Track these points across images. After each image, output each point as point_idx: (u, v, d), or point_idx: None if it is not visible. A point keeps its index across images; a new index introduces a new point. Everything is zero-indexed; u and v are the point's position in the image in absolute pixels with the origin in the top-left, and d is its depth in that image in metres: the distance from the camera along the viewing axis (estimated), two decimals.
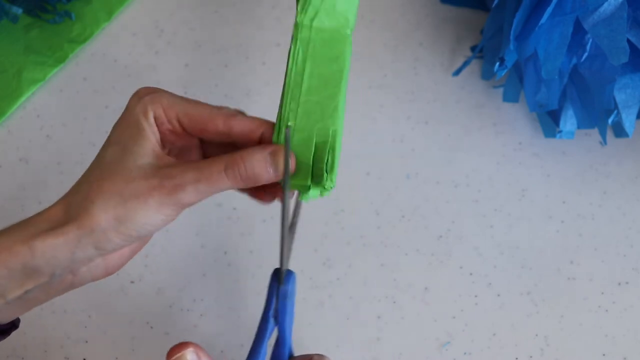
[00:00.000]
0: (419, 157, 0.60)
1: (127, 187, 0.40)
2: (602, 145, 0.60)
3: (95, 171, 0.41)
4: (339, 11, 0.44)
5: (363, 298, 0.55)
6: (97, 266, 0.42)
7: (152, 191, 0.40)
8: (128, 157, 0.41)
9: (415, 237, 0.57)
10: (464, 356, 0.54)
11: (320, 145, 0.43)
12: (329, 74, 0.44)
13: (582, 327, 0.54)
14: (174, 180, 0.40)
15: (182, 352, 0.41)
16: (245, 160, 0.41)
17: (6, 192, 0.58)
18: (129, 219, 0.39)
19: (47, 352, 0.53)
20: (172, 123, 0.42)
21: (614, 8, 0.49)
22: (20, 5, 0.61)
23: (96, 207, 0.39)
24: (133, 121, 0.42)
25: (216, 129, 0.42)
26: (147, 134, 0.41)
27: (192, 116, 0.42)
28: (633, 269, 0.56)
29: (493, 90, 0.62)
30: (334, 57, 0.44)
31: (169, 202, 0.40)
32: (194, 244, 0.56)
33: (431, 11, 0.65)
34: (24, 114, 0.61)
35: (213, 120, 0.42)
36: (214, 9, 0.65)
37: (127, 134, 0.42)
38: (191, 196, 0.40)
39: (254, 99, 0.61)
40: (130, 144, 0.41)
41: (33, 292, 0.40)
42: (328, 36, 0.44)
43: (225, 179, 0.40)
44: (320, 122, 0.43)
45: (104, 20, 0.63)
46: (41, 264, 0.39)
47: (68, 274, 0.41)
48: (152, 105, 0.42)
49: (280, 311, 0.43)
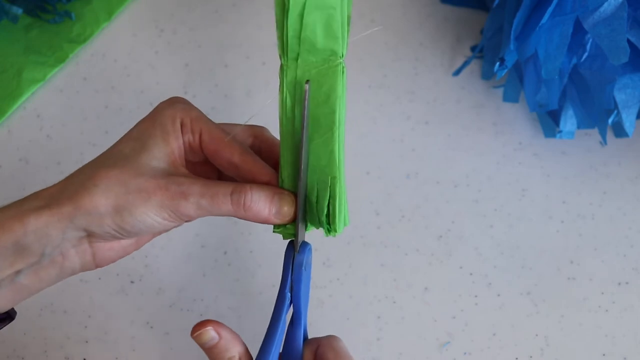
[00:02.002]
0: (419, 157, 0.60)
1: (133, 180, 0.40)
2: (602, 145, 0.60)
3: (106, 159, 0.42)
4: (321, 48, 0.41)
5: (363, 298, 0.55)
6: (85, 252, 0.42)
7: (156, 190, 0.40)
8: (144, 155, 0.41)
9: (415, 237, 0.57)
10: (464, 356, 0.54)
11: (321, 194, 0.42)
12: (321, 117, 0.41)
13: (582, 327, 0.54)
14: (181, 187, 0.40)
15: (203, 329, 0.43)
16: (253, 192, 0.41)
17: (6, 192, 0.58)
18: (126, 210, 0.40)
19: (47, 352, 0.53)
20: (194, 135, 0.43)
21: (614, 8, 0.49)
22: (20, 5, 0.61)
23: (99, 190, 0.40)
24: (159, 122, 0.42)
25: (230, 157, 0.43)
26: (169, 138, 0.42)
27: (213, 136, 0.43)
28: (633, 269, 0.56)
29: (493, 90, 0.62)
30: (324, 97, 0.41)
31: (169, 206, 0.40)
32: (194, 244, 0.56)
33: (431, 11, 0.65)
34: (24, 114, 0.61)
35: (230, 149, 0.43)
36: (214, 9, 0.65)
37: (149, 133, 0.42)
38: (191, 208, 0.41)
39: (254, 99, 0.61)
40: (150, 144, 0.42)
41: (23, 275, 0.40)
42: (315, 73, 0.41)
43: (229, 203, 0.41)
44: (318, 170, 0.42)
45: (104, 20, 0.63)
46: (32, 240, 0.39)
47: (58, 255, 0.41)
48: (182, 113, 0.43)
49: (295, 281, 0.43)
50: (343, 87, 0.41)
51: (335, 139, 0.41)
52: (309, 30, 0.40)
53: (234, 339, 0.44)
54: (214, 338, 0.43)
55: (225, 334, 0.43)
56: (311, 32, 0.40)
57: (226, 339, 0.43)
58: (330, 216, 0.42)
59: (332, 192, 0.42)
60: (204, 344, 0.43)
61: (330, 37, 0.40)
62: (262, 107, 0.56)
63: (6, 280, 0.40)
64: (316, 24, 0.40)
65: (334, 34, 0.40)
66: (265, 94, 0.61)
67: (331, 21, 0.40)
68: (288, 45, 0.41)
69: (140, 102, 0.61)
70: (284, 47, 0.41)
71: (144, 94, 0.61)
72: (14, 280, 0.40)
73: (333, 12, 0.40)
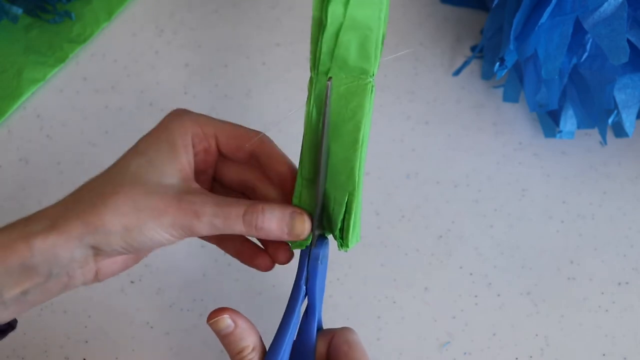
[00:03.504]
0: (419, 157, 0.60)
1: (144, 198, 0.39)
2: (602, 145, 0.60)
3: (113, 176, 0.41)
4: (352, 66, 0.41)
5: (363, 298, 0.55)
6: (90, 270, 0.41)
7: (168, 209, 0.39)
8: (153, 172, 0.41)
9: (415, 237, 0.57)
10: (464, 356, 0.54)
11: (336, 209, 0.42)
12: (345, 134, 0.41)
13: (582, 327, 0.54)
14: (194, 206, 0.40)
15: (220, 315, 0.43)
16: (266, 212, 0.41)
17: (6, 192, 0.58)
18: (136, 229, 0.39)
19: (47, 352, 0.53)
20: (209, 140, 0.43)
21: (614, 8, 0.49)
22: (20, 5, 0.61)
23: (108, 208, 0.39)
24: (167, 138, 0.42)
25: (251, 149, 0.43)
26: (179, 154, 0.41)
27: (230, 133, 0.43)
28: (633, 269, 0.56)
29: (493, 90, 0.62)
30: (350, 114, 0.41)
31: (181, 224, 0.40)
32: (194, 244, 0.56)
33: (431, 11, 0.65)
34: (24, 114, 0.61)
35: (250, 139, 0.43)
36: (214, 9, 0.65)
37: (156, 149, 0.41)
38: (204, 228, 0.40)
39: (254, 99, 0.61)
40: (159, 161, 0.41)
41: (30, 294, 0.40)
42: (344, 90, 0.41)
43: (241, 224, 0.41)
44: (337, 185, 0.42)
45: (104, 20, 0.63)
46: (39, 262, 0.39)
47: (64, 276, 0.40)
48: (190, 123, 0.42)
49: (310, 275, 0.43)
50: (370, 106, 0.41)
51: (357, 156, 0.41)
52: (342, 48, 0.40)
53: (250, 329, 0.43)
54: (230, 326, 0.43)
55: (242, 323, 0.43)
56: (345, 50, 0.40)
57: (242, 328, 0.43)
58: (343, 231, 0.42)
59: (347, 207, 0.42)
60: (219, 331, 0.43)
61: (363, 56, 0.40)
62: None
63: (12, 300, 0.40)
64: (351, 43, 0.40)
65: (367, 54, 0.40)
66: (265, 94, 0.61)
67: (366, 42, 0.40)
68: (320, 60, 0.40)
69: (140, 102, 0.61)
70: (316, 61, 0.41)
71: (144, 94, 0.61)
72: (20, 299, 0.40)
73: (369, 33, 0.40)
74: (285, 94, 0.61)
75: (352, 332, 0.45)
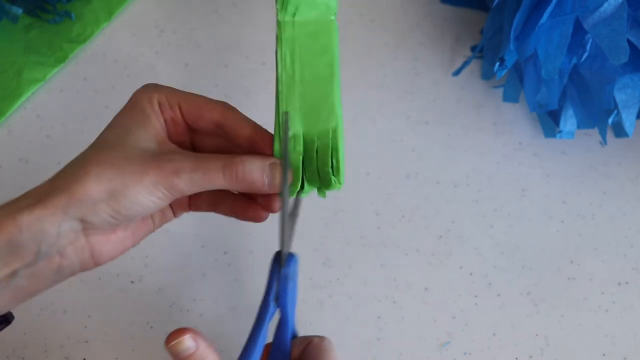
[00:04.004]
0: (419, 157, 0.60)
1: (124, 162, 0.40)
2: (602, 145, 0.60)
3: (93, 149, 0.42)
4: (318, 2, 0.42)
5: (363, 298, 0.55)
6: (83, 249, 0.41)
7: (148, 169, 0.40)
8: (130, 138, 0.42)
9: (415, 237, 0.57)
10: (464, 356, 0.54)
11: (322, 147, 0.42)
12: (320, 71, 0.42)
13: (582, 327, 0.54)
14: (173, 163, 0.40)
15: (180, 337, 0.40)
16: (245, 164, 0.41)
17: (6, 192, 0.57)
18: (121, 193, 0.40)
19: (47, 352, 0.53)
20: (174, 110, 0.43)
21: (614, 8, 0.49)
22: (20, 5, 0.61)
23: (91, 177, 0.40)
24: (138, 108, 0.43)
25: (212, 117, 0.43)
26: (152, 120, 0.42)
27: (191, 102, 0.44)
28: (633, 269, 0.56)
29: (493, 90, 0.62)
30: (321, 51, 0.42)
31: (163, 183, 0.40)
32: (194, 244, 0.56)
33: (431, 11, 0.65)
34: (24, 114, 0.61)
35: (211, 109, 0.44)
36: (214, 9, 0.65)
37: (131, 120, 0.43)
38: (185, 183, 0.41)
39: (254, 99, 0.61)
40: (134, 128, 0.42)
41: (20, 276, 0.40)
42: (312, 29, 0.42)
43: (221, 176, 0.41)
44: (319, 124, 0.42)
45: (104, 20, 0.63)
46: (27, 238, 0.39)
47: (55, 255, 0.40)
48: (156, 94, 0.43)
49: (281, 293, 0.44)
50: (337, 42, 0.42)
51: (335, 89, 0.42)
52: None
53: (209, 348, 0.41)
54: (190, 348, 0.40)
55: (203, 344, 0.41)
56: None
57: (203, 348, 0.41)
58: (334, 168, 0.43)
59: (334, 143, 0.42)
60: (178, 354, 0.40)
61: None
62: None
63: (2, 282, 0.40)
64: None
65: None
66: (265, 94, 0.61)
67: None
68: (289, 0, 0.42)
69: None
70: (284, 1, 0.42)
71: None
72: (10, 283, 0.40)
73: None
74: None
75: (327, 340, 0.45)
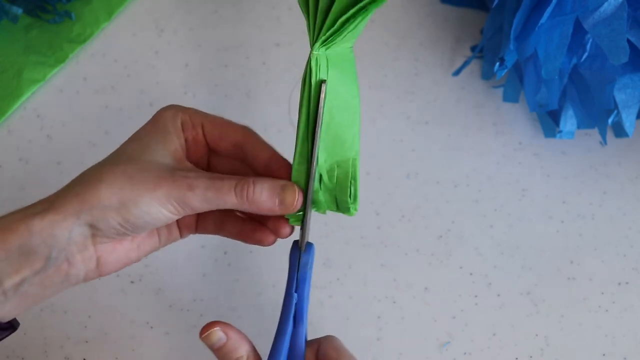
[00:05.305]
0: (419, 157, 0.60)
1: (139, 173, 0.41)
2: (602, 145, 0.60)
3: (109, 160, 0.43)
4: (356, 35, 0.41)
5: (363, 298, 0.55)
6: (90, 257, 0.42)
7: (162, 182, 0.41)
8: (148, 153, 0.42)
9: (415, 237, 0.57)
10: (464, 356, 0.54)
11: (342, 176, 0.43)
12: (346, 103, 0.42)
13: (582, 327, 0.54)
14: (187, 179, 0.41)
15: (212, 329, 0.44)
16: (256, 185, 0.42)
17: (6, 192, 0.58)
18: (132, 201, 0.40)
19: (47, 352, 0.53)
20: (197, 129, 0.44)
21: (614, 8, 0.49)
22: (20, 5, 0.61)
23: (103, 184, 0.40)
24: (160, 125, 0.44)
25: (234, 138, 0.44)
26: (172, 137, 0.43)
27: (214, 123, 0.45)
28: (633, 269, 0.56)
29: (493, 90, 0.62)
30: (348, 82, 0.42)
31: (175, 197, 0.41)
32: (194, 244, 0.56)
33: (431, 11, 0.65)
34: (24, 114, 0.61)
35: (233, 130, 0.45)
36: (214, 9, 0.65)
37: (150, 135, 0.43)
38: (197, 200, 0.41)
39: (254, 99, 0.61)
40: (153, 144, 0.43)
41: (29, 283, 0.40)
42: (339, 59, 0.41)
43: (233, 196, 0.42)
44: (342, 153, 0.42)
45: (104, 20, 0.63)
46: (38, 243, 0.39)
47: (63, 262, 0.41)
48: (180, 112, 0.44)
49: (300, 280, 0.44)
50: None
51: (358, 121, 0.43)
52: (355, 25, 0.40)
53: (242, 339, 0.44)
54: (222, 338, 0.44)
55: (233, 334, 0.44)
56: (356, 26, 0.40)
57: (234, 339, 0.44)
58: (352, 196, 0.43)
59: (353, 172, 0.43)
60: (212, 345, 0.44)
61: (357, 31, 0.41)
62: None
63: (11, 290, 0.40)
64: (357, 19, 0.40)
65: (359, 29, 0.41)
66: (265, 94, 0.61)
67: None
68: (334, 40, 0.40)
69: (140, 102, 0.61)
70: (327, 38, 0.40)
71: (144, 94, 0.61)
72: (19, 290, 0.40)
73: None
74: (285, 94, 0.61)
75: (336, 339, 0.46)
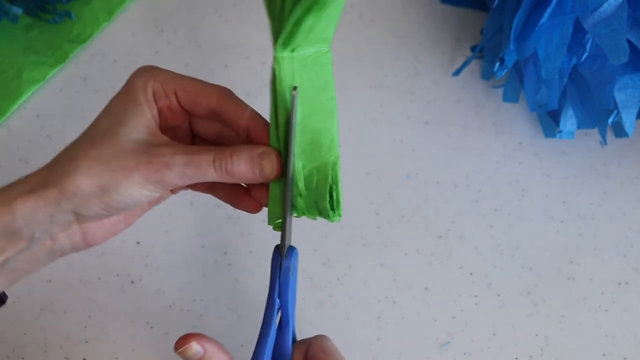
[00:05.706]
0: (419, 157, 0.60)
1: (114, 157, 0.40)
2: (602, 145, 0.60)
3: (84, 139, 0.41)
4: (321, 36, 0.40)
5: (363, 298, 0.55)
6: (75, 234, 0.41)
7: (139, 165, 0.40)
8: (121, 129, 0.41)
9: (415, 237, 0.57)
10: (464, 356, 0.54)
11: (321, 181, 0.42)
12: (322, 105, 0.41)
13: (582, 327, 0.54)
14: (163, 158, 0.40)
15: (187, 344, 0.42)
16: (234, 156, 0.41)
17: None
18: (111, 188, 0.40)
19: (47, 352, 0.53)
20: (170, 97, 0.43)
21: (614, 8, 0.49)
22: (20, 5, 0.61)
23: (80, 172, 0.39)
24: (131, 96, 0.42)
25: (209, 104, 0.43)
26: (143, 109, 0.42)
27: (188, 89, 0.43)
28: (633, 269, 0.56)
29: (493, 90, 0.62)
30: (322, 85, 0.41)
31: (154, 179, 0.40)
32: (194, 244, 0.56)
33: (431, 11, 0.65)
34: (24, 114, 0.61)
35: (208, 95, 0.43)
36: (214, 9, 0.65)
37: (123, 108, 0.42)
38: (176, 178, 0.40)
39: (254, 99, 0.61)
40: (125, 117, 0.41)
41: (14, 261, 0.40)
42: (311, 61, 0.41)
43: (212, 170, 0.41)
44: (319, 158, 0.42)
45: (104, 20, 0.63)
46: (21, 225, 0.39)
47: (47, 239, 0.41)
48: (151, 81, 0.42)
49: (282, 286, 0.43)
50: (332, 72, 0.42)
51: (335, 124, 0.42)
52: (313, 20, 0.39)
53: (219, 350, 0.42)
54: (199, 352, 0.42)
55: (209, 347, 0.42)
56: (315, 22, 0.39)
57: (210, 352, 0.42)
58: (334, 202, 0.42)
59: (333, 177, 0.42)
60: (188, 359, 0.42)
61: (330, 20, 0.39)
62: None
63: None
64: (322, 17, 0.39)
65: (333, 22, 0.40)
66: (265, 94, 0.61)
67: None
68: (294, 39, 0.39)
69: None
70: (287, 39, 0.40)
71: None
72: (4, 268, 0.40)
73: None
74: None
75: (326, 339, 0.45)
